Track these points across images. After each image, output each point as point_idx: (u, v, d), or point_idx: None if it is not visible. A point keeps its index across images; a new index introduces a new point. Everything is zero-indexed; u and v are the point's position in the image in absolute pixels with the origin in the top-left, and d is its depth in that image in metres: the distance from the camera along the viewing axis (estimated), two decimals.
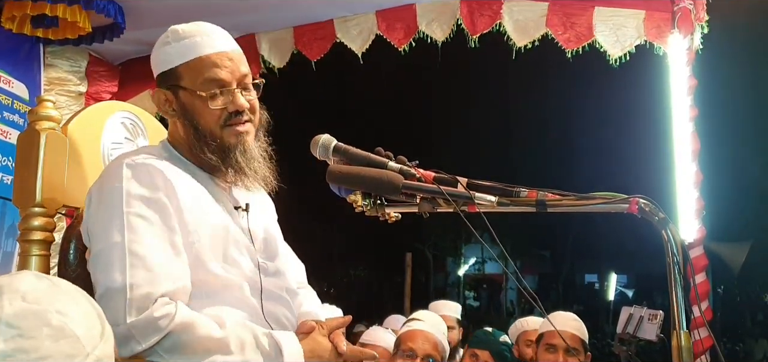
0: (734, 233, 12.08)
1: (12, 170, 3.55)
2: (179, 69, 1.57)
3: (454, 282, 25.78)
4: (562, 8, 3.44)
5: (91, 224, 1.50)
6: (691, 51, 3.26)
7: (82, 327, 0.84)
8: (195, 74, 1.55)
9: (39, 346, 0.79)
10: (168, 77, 1.59)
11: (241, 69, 1.59)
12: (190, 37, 1.57)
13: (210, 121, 1.56)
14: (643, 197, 1.22)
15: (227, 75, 1.55)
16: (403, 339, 2.75)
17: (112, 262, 1.39)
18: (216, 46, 1.57)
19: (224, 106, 1.55)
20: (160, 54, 1.61)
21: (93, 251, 1.47)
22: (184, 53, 1.56)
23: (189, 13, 1.60)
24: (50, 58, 4.06)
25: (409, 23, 3.70)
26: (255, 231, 1.64)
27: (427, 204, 1.41)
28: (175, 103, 1.59)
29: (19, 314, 0.80)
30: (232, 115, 1.56)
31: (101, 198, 1.49)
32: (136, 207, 1.44)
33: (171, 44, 1.58)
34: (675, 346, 1.19)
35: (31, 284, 0.85)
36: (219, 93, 1.55)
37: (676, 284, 1.18)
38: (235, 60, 1.58)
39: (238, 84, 1.57)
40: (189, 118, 1.57)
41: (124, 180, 1.46)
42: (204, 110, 1.55)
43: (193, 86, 1.55)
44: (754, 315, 16.44)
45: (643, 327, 2.66)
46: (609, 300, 21.63)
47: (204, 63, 1.55)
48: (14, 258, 3.71)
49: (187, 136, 1.59)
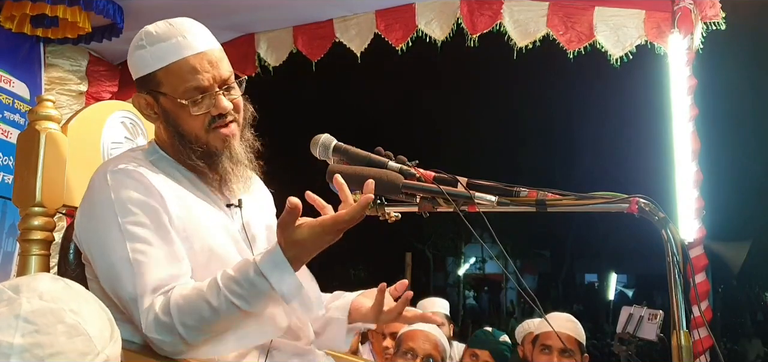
0: (734, 233, 12.08)
1: (12, 169, 3.55)
2: (157, 74, 1.51)
3: (454, 282, 25.76)
4: (562, 8, 3.43)
5: (87, 238, 1.49)
6: (691, 51, 3.26)
7: (94, 327, 0.89)
8: (175, 80, 1.49)
9: (54, 342, 0.83)
10: (147, 82, 1.53)
11: (222, 72, 1.52)
12: (165, 39, 1.50)
13: (194, 127, 1.52)
14: (643, 197, 1.22)
15: (208, 80, 1.49)
16: (403, 338, 2.76)
17: (122, 275, 1.39)
18: (194, 47, 1.51)
19: (207, 110, 1.51)
20: (135, 58, 1.55)
21: (101, 268, 1.45)
22: (161, 57, 1.50)
23: (188, 14, 1.58)
24: (50, 58, 4.06)
25: (408, 23, 3.69)
26: (250, 228, 1.61)
27: (427, 204, 1.41)
28: (156, 107, 1.55)
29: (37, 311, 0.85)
30: (215, 119, 1.52)
31: (93, 212, 1.47)
32: (129, 214, 1.42)
33: (146, 48, 1.52)
34: (675, 346, 1.19)
35: (47, 285, 0.90)
36: (200, 98, 1.50)
37: (676, 284, 1.18)
38: (215, 62, 1.52)
39: (220, 86, 1.52)
40: (172, 124, 1.53)
41: (111, 190, 1.44)
42: (187, 117, 1.50)
43: (173, 93, 1.50)
44: (753, 315, 16.44)
45: (643, 326, 2.66)
46: (609, 299, 21.61)
47: (183, 68, 1.49)
48: (14, 257, 3.71)
49: (172, 140, 1.56)
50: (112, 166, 1.50)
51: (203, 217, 1.52)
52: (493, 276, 25.73)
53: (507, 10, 3.51)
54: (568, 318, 2.97)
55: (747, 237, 12.33)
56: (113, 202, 1.43)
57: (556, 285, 24.76)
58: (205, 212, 1.53)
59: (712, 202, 3.40)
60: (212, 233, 1.51)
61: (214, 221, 1.54)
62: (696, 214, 3.19)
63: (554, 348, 2.82)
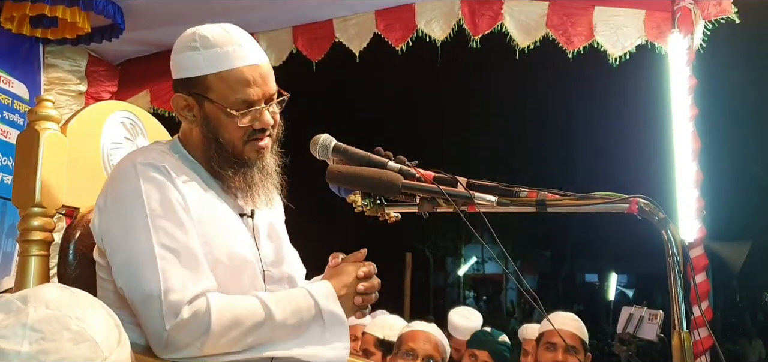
0: (734, 233, 12.08)
1: (12, 170, 3.55)
2: (208, 79, 1.49)
3: (453, 282, 25.75)
4: (562, 8, 3.44)
5: (108, 230, 1.45)
6: (691, 50, 3.26)
7: (100, 333, 0.91)
8: (226, 89, 1.48)
9: (60, 348, 0.86)
10: (193, 84, 1.51)
11: (270, 87, 1.52)
12: (221, 45, 1.49)
13: (235, 137, 1.51)
14: (643, 197, 1.22)
15: (258, 94, 1.49)
16: (404, 339, 2.76)
17: (144, 269, 1.36)
18: (248, 59, 1.50)
19: (251, 123, 1.51)
20: (185, 58, 1.52)
21: (119, 259, 1.41)
22: (214, 63, 1.48)
23: (188, 14, 1.59)
24: (50, 58, 4.06)
25: (408, 23, 3.70)
26: (261, 238, 1.61)
27: (427, 204, 1.41)
28: (196, 110, 1.53)
29: (43, 320, 0.87)
30: (256, 132, 1.52)
31: (118, 202, 1.44)
32: (157, 208, 1.41)
33: (200, 51, 1.49)
34: (675, 346, 1.18)
35: (54, 293, 0.92)
36: (248, 111, 1.49)
37: (676, 284, 1.18)
38: (265, 76, 1.52)
39: (266, 101, 1.52)
40: (212, 131, 1.52)
41: (141, 180, 1.43)
42: (230, 126, 1.50)
43: (222, 101, 1.48)
44: (754, 315, 16.43)
45: (643, 327, 2.66)
46: (609, 300, 21.60)
47: (236, 78, 1.48)
48: (14, 258, 3.72)
49: (206, 145, 1.54)
50: (141, 157, 1.48)
51: (222, 222, 1.51)
52: (493, 277, 25.73)
53: (507, 10, 3.51)
54: (572, 317, 3.02)
55: (747, 237, 12.32)
56: (142, 194, 1.41)
57: (557, 285, 24.75)
58: (224, 217, 1.53)
59: (713, 202, 3.40)
60: (231, 239, 1.51)
61: (233, 227, 1.53)
62: (696, 214, 3.19)
63: (559, 345, 2.86)
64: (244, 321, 1.38)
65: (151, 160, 1.47)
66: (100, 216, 1.48)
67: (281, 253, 1.68)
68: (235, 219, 1.55)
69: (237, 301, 1.41)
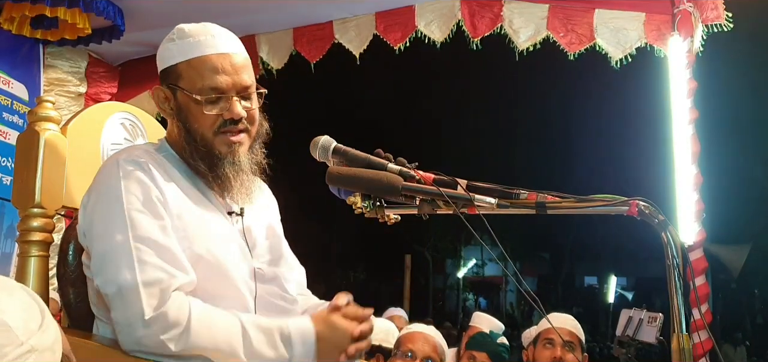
0: (734, 235, 12.08)
1: (11, 171, 3.55)
2: (179, 67, 1.52)
3: (453, 284, 25.75)
4: (563, 10, 3.44)
5: (90, 225, 1.46)
6: (691, 53, 3.26)
7: (16, 318, 0.88)
8: (194, 75, 1.50)
9: None
10: (168, 75, 1.55)
11: (242, 78, 1.52)
12: (194, 36, 1.52)
13: (203, 126, 1.51)
14: (642, 199, 1.22)
15: (226, 82, 1.49)
16: (402, 340, 2.75)
17: (120, 261, 1.36)
18: (219, 47, 1.51)
19: (220, 112, 1.50)
20: (163, 50, 1.56)
21: (96, 252, 1.43)
22: (185, 51, 1.51)
23: (188, 15, 1.59)
24: (50, 59, 4.06)
25: (407, 24, 3.70)
26: (252, 236, 1.60)
27: (426, 206, 1.40)
28: (172, 101, 1.55)
29: None
30: (226, 123, 1.52)
31: (99, 198, 1.46)
32: (136, 203, 1.41)
33: (175, 41, 1.53)
34: (675, 349, 1.18)
35: None
36: (216, 99, 1.50)
37: (675, 286, 1.17)
38: (237, 66, 1.52)
39: (237, 92, 1.52)
40: (183, 120, 1.53)
41: (121, 178, 1.44)
42: (198, 114, 1.50)
43: (190, 88, 1.50)
44: (753, 318, 16.43)
45: (643, 329, 2.66)
46: (608, 302, 21.61)
47: (204, 64, 1.49)
48: (13, 258, 3.71)
49: (180, 137, 1.55)
50: (125, 155, 1.50)
51: (204, 219, 1.51)
52: (492, 279, 25.73)
53: (507, 12, 3.51)
54: (569, 317, 3.06)
55: (747, 239, 12.32)
56: (121, 189, 1.42)
57: (556, 287, 24.76)
58: (205, 214, 1.52)
59: (712, 205, 3.41)
60: (212, 236, 1.50)
61: (215, 224, 1.53)
62: (696, 217, 3.19)
63: (556, 342, 2.88)
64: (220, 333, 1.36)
65: (134, 157, 1.49)
66: (83, 213, 1.49)
67: (277, 252, 1.67)
68: (217, 216, 1.55)
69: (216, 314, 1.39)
